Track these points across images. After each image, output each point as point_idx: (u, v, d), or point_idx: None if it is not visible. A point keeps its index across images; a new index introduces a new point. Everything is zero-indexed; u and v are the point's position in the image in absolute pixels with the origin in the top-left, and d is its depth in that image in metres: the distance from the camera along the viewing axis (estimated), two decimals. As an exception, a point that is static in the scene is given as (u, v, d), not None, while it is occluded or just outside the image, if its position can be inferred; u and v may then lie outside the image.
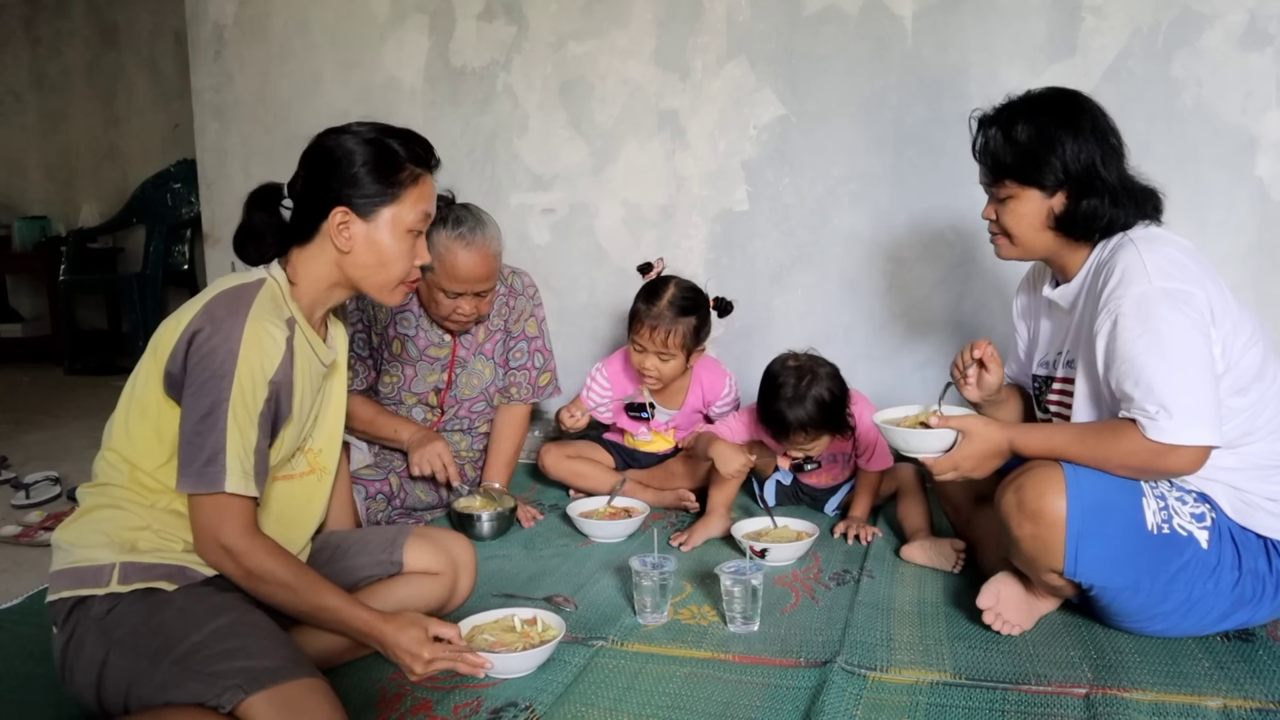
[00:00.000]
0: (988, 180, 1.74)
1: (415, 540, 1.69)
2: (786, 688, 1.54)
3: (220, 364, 1.32)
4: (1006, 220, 1.72)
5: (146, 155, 5.32)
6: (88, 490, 1.43)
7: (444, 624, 1.49)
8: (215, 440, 1.31)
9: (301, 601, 1.39)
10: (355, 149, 1.44)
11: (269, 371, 1.36)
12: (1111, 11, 2.51)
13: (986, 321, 2.74)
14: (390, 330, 2.43)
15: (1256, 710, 1.42)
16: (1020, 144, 1.65)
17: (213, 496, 1.33)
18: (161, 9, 5.16)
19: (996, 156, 1.69)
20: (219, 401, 1.31)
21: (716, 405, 2.63)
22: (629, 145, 3.01)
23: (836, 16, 2.75)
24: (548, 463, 2.63)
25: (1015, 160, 1.66)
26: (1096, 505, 1.54)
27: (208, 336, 1.33)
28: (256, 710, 1.21)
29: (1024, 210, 1.69)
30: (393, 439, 2.40)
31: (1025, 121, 1.66)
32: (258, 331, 1.35)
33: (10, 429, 3.65)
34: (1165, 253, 1.58)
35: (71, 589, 1.34)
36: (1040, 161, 1.64)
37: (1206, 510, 1.59)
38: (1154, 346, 1.51)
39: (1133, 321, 1.53)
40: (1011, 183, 1.68)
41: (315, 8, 3.32)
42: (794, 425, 2.21)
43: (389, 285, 1.50)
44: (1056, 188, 1.65)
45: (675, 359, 2.44)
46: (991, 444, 1.65)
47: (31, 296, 5.70)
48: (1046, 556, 1.57)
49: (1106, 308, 1.57)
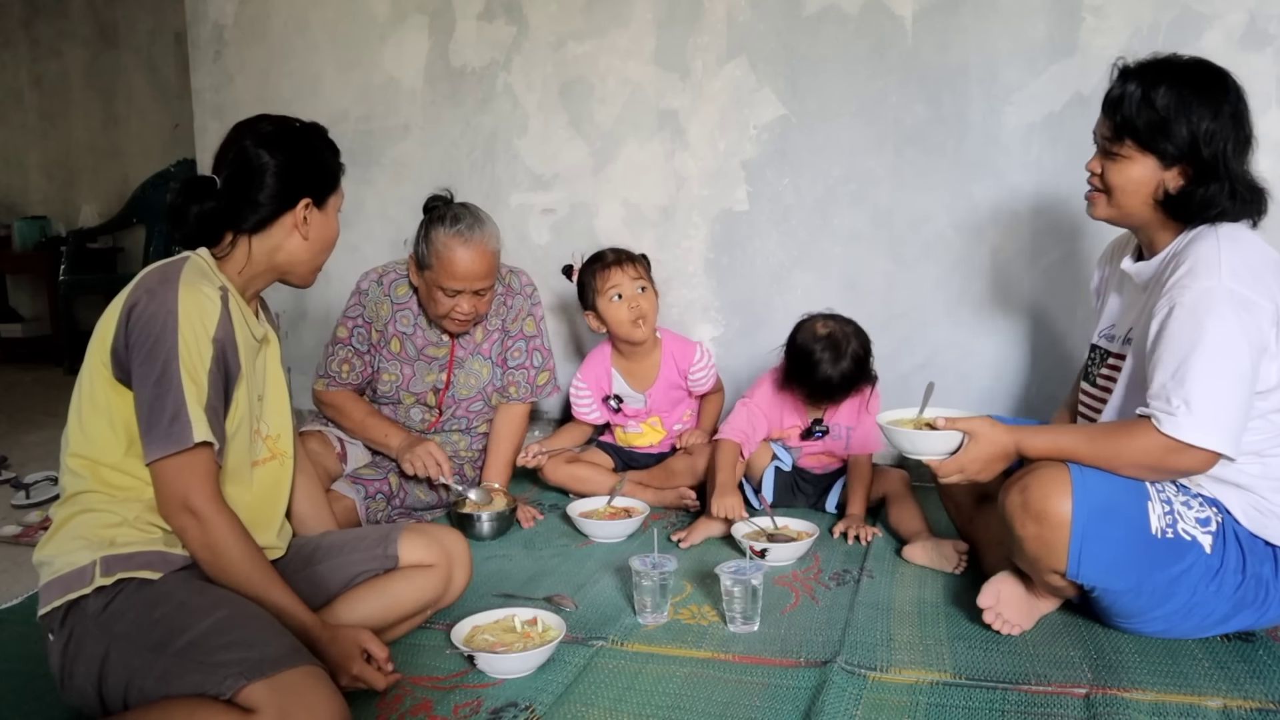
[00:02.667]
0: (1108, 133, 1.64)
1: (409, 535, 1.69)
2: (786, 688, 1.54)
3: (162, 326, 1.35)
4: (1112, 177, 1.64)
5: (146, 155, 5.32)
6: (58, 507, 1.45)
7: (378, 643, 1.50)
8: (174, 398, 1.34)
9: (251, 588, 1.39)
10: (317, 142, 1.59)
11: (210, 329, 1.39)
12: (1111, 11, 2.51)
13: (986, 321, 2.74)
14: (390, 327, 2.43)
15: (1256, 710, 1.42)
16: (1156, 108, 1.56)
17: (181, 456, 1.34)
18: (161, 9, 5.16)
19: (1127, 114, 1.59)
20: (169, 361, 1.34)
21: (692, 372, 2.65)
22: (629, 145, 3.01)
23: (836, 16, 2.75)
24: (546, 470, 2.61)
25: (1145, 124, 1.57)
26: (1101, 507, 1.53)
27: (144, 306, 1.37)
28: (257, 697, 1.22)
29: (1133, 174, 1.61)
30: (381, 444, 2.40)
31: (1169, 87, 1.56)
32: (192, 293, 1.39)
33: (10, 429, 3.65)
34: (1244, 255, 1.54)
35: (61, 596, 1.35)
36: (1171, 132, 1.56)
37: (1213, 514, 1.59)
38: (1200, 343, 1.48)
39: (1188, 313, 1.50)
40: (1132, 144, 1.60)
41: (315, 8, 3.32)
42: (839, 388, 2.29)
43: (320, 267, 1.65)
44: (1175, 162, 1.58)
45: (649, 289, 2.57)
46: (998, 446, 1.64)
47: (31, 296, 5.70)
48: (1050, 557, 1.57)
49: (1169, 294, 1.54)
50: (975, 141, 2.67)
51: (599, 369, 2.70)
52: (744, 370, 2.97)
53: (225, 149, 1.54)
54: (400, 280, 2.44)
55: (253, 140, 1.52)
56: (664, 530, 2.33)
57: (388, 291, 2.43)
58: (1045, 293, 2.67)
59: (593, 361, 2.72)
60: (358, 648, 1.47)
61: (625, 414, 2.69)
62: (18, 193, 5.73)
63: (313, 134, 1.60)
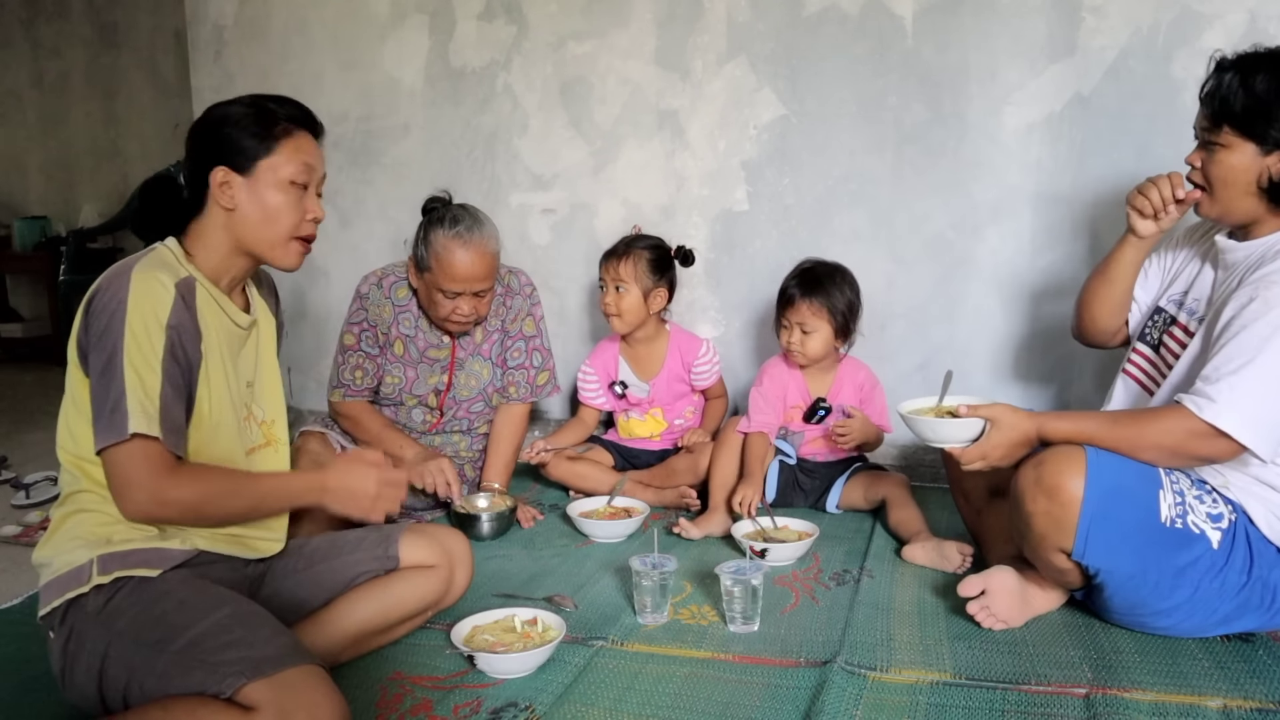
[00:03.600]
0: (1206, 125, 1.64)
1: (410, 535, 1.69)
2: (786, 688, 1.54)
3: (111, 316, 1.36)
4: (1212, 170, 1.63)
5: (146, 155, 5.32)
6: (56, 508, 1.46)
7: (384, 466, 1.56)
8: (116, 388, 1.34)
9: (247, 498, 1.45)
10: (230, 112, 1.53)
11: (162, 317, 1.38)
12: (1111, 11, 2.51)
13: (986, 321, 2.74)
14: (393, 330, 2.43)
15: (1256, 710, 1.42)
16: (1256, 93, 1.56)
17: (122, 446, 1.33)
18: (161, 9, 5.15)
19: (1226, 101, 1.59)
20: (115, 351, 1.35)
21: (696, 365, 2.69)
22: (629, 145, 3.01)
23: (836, 16, 2.75)
24: (548, 466, 2.62)
25: (1244, 108, 1.57)
26: (1113, 489, 1.54)
27: (99, 297, 1.39)
28: (257, 695, 1.22)
29: (1234, 162, 1.60)
30: (395, 456, 2.39)
31: (1267, 73, 1.56)
32: (143, 280, 1.38)
33: (10, 429, 3.65)
34: None
35: (60, 595, 1.35)
36: (1272, 116, 1.55)
37: (1226, 512, 1.59)
38: (1266, 341, 1.48)
39: (1265, 306, 1.50)
40: (1230, 131, 1.59)
41: (315, 7, 3.32)
42: (804, 285, 2.40)
43: (279, 241, 1.53)
44: (1276, 147, 1.57)
45: (631, 291, 2.60)
46: (1020, 432, 1.64)
47: (31, 296, 5.69)
48: (1057, 534, 1.57)
49: (1255, 283, 1.54)
50: (975, 141, 2.67)
51: (607, 355, 2.77)
52: (744, 370, 2.97)
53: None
54: (400, 283, 2.44)
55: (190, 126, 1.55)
56: (664, 530, 2.33)
57: (388, 294, 2.43)
58: (1045, 293, 2.67)
59: (602, 348, 2.80)
60: (368, 464, 1.54)
61: (629, 401, 2.74)
62: (18, 193, 5.73)
63: (236, 104, 1.54)
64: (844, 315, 2.42)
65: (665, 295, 2.66)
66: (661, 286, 2.64)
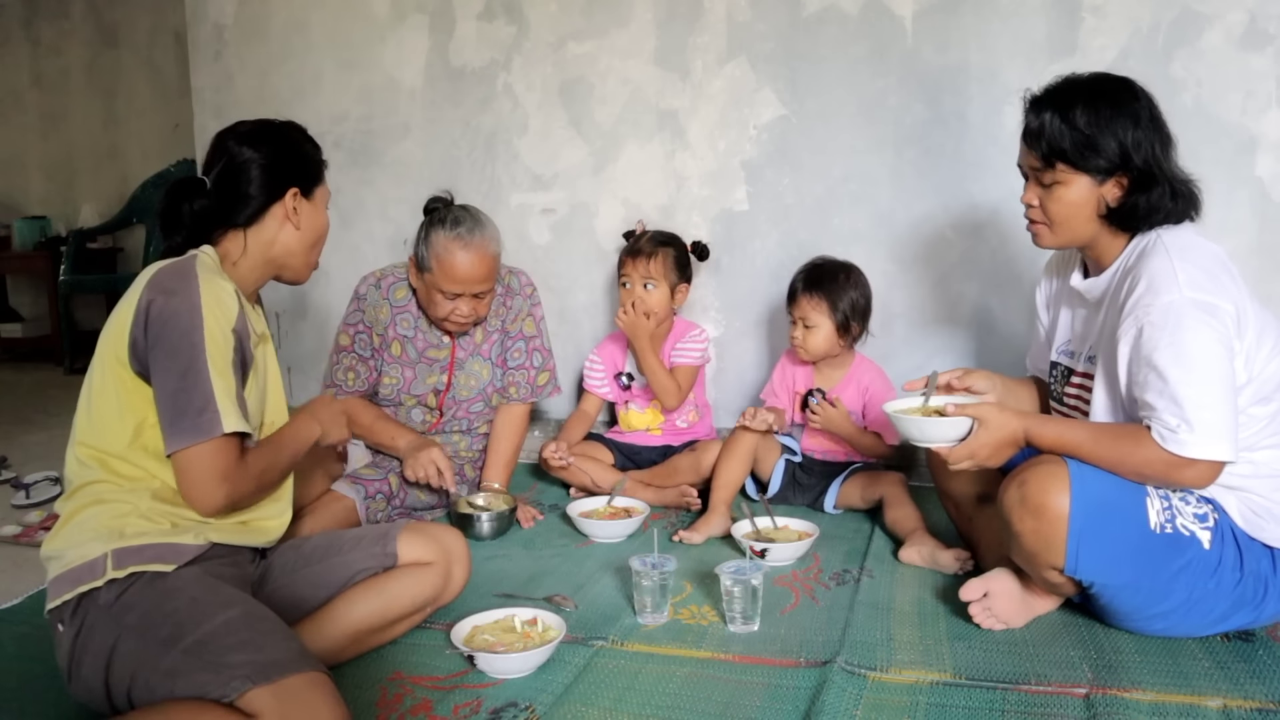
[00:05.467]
0: (1036, 165, 1.66)
1: (408, 533, 1.70)
2: (786, 688, 1.54)
3: (188, 322, 1.40)
4: (1051, 207, 1.66)
5: (146, 155, 5.32)
6: (65, 500, 1.46)
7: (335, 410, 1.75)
8: (203, 391, 1.39)
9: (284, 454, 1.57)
10: (297, 138, 1.65)
11: (231, 321, 1.45)
12: (1111, 11, 2.51)
13: (986, 321, 2.74)
14: (390, 331, 2.43)
15: (1256, 710, 1.42)
16: (1079, 128, 1.59)
17: (204, 445, 1.39)
18: (161, 9, 5.15)
19: (1052, 140, 1.62)
20: (196, 355, 1.39)
21: (680, 343, 2.70)
22: (629, 145, 3.01)
23: (836, 16, 2.75)
24: (553, 462, 2.61)
25: (1073, 145, 1.60)
26: (1100, 503, 1.53)
27: (165, 303, 1.41)
28: (260, 702, 1.22)
29: (1072, 197, 1.64)
30: (389, 446, 2.39)
31: (1084, 106, 1.60)
32: (212, 288, 1.44)
33: (10, 429, 3.65)
34: (1198, 261, 1.55)
35: (72, 588, 1.35)
36: (1100, 147, 1.59)
37: (1209, 510, 1.59)
38: (1179, 359, 1.49)
39: (1159, 331, 1.51)
40: (1064, 167, 1.62)
41: (315, 8, 3.32)
42: (807, 280, 2.45)
43: (315, 261, 1.69)
44: (1109, 175, 1.61)
45: (660, 288, 2.62)
46: (1007, 432, 1.64)
47: (31, 296, 5.70)
48: (1048, 553, 1.57)
49: (1134, 314, 1.55)
50: (975, 141, 2.67)
51: (614, 345, 2.80)
52: (744, 369, 2.97)
53: (211, 153, 1.60)
54: (399, 283, 2.44)
55: (235, 139, 1.58)
56: (664, 530, 2.33)
57: (386, 295, 2.43)
58: (1045, 293, 2.67)
59: (610, 338, 2.83)
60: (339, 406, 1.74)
61: (633, 392, 2.76)
62: (18, 193, 5.73)
63: (290, 129, 1.65)
64: (846, 312, 2.42)
65: (687, 290, 2.70)
66: (685, 282, 2.68)
